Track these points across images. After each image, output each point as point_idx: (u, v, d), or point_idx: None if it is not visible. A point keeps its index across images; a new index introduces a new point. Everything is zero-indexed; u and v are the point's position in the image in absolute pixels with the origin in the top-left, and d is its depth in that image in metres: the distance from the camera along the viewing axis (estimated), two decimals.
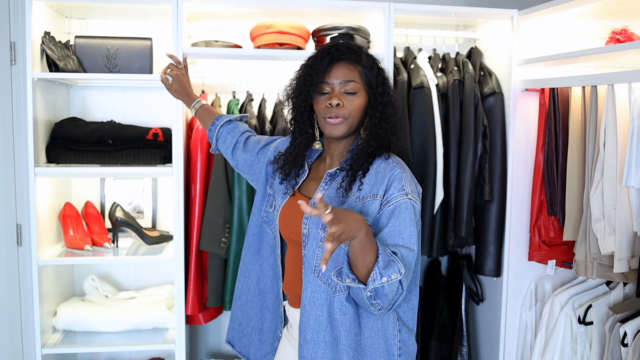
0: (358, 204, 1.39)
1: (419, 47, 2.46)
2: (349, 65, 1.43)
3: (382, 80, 1.46)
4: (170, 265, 2.26)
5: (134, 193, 2.48)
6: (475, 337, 2.59)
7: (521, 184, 2.29)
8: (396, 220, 1.34)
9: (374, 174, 1.41)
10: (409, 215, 1.34)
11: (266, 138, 1.76)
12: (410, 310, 1.47)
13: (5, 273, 2.40)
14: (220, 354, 2.62)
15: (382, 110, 1.44)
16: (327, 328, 1.40)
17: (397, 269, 1.26)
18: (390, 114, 1.45)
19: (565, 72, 2.19)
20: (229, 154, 1.78)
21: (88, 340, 2.17)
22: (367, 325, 1.41)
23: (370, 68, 1.44)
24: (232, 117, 1.82)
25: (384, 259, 1.26)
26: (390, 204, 1.35)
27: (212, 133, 1.81)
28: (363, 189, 1.40)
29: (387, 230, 1.34)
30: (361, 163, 1.42)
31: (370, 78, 1.44)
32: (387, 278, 1.25)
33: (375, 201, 1.37)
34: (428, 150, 2.23)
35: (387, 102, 1.45)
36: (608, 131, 1.85)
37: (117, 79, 2.16)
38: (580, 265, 2.00)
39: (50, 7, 2.17)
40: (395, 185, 1.36)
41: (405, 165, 1.44)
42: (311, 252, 1.42)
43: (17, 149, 2.37)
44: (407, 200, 1.35)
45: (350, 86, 1.42)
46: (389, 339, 1.42)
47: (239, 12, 2.26)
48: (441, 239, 2.31)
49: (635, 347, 1.88)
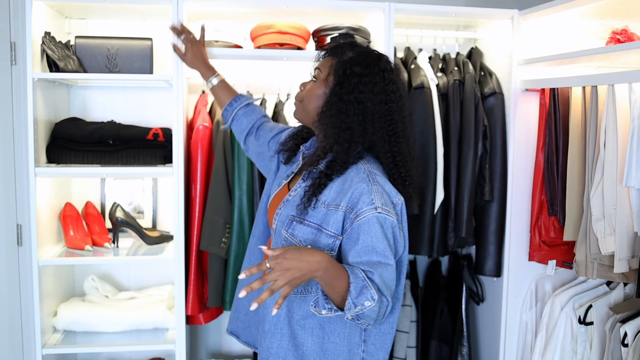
0: (323, 209, 1.36)
1: (420, 47, 2.46)
2: (329, 58, 1.45)
3: (357, 79, 1.38)
4: (170, 266, 2.26)
5: (134, 193, 2.48)
6: (475, 337, 2.59)
7: (521, 184, 2.29)
8: (366, 236, 1.30)
9: (341, 182, 1.37)
10: (379, 230, 1.30)
11: (278, 127, 1.76)
12: (388, 323, 1.45)
13: (5, 273, 2.40)
14: (220, 354, 2.62)
15: (337, 104, 1.38)
16: (285, 322, 1.40)
17: (370, 295, 1.24)
18: (356, 112, 1.38)
19: (565, 72, 2.19)
20: (242, 138, 1.80)
21: (88, 340, 2.17)
22: (334, 331, 1.40)
23: (348, 65, 1.40)
24: (250, 100, 1.83)
25: (356, 287, 1.24)
26: (359, 219, 1.31)
27: (228, 113, 1.82)
28: (330, 194, 1.37)
29: (359, 247, 1.31)
30: (314, 160, 1.41)
31: (340, 71, 1.40)
32: (360, 307, 1.24)
33: (337, 212, 1.34)
34: (428, 150, 2.23)
35: (351, 100, 1.38)
36: (608, 131, 1.85)
37: (118, 79, 2.16)
38: (581, 265, 2.00)
39: (50, 7, 2.17)
40: (364, 200, 1.32)
41: (377, 176, 1.37)
42: (276, 246, 1.43)
43: (17, 149, 2.37)
44: (376, 214, 1.30)
45: (315, 73, 1.46)
46: (352, 347, 1.41)
47: (239, 12, 2.26)
48: (441, 239, 2.31)
49: (635, 348, 1.88)
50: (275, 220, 1.45)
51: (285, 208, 1.43)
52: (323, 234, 1.35)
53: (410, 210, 2.19)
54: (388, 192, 1.37)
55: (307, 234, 1.37)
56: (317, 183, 1.37)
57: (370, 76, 1.39)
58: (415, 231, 2.29)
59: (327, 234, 1.35)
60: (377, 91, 1.39)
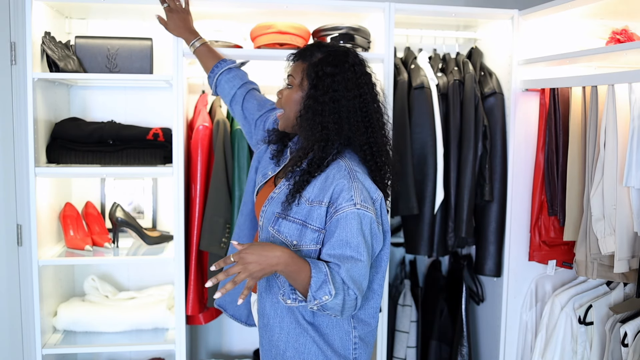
0: (307, 206, 1.41)
1: (420, 47, 2.46)
2: (299, 62, 1.49)
3: (330, 78, 1.42)
4: (170, 266, 2.26)
5: (134, 193, 2.48)
6: (475, 337, 2.59)
7: (521, 184, 2.29)
8: (342, 230, 1.35)
9: (324, 179, 1.42)
10: (356, 225, 1.35)
11: (265, 105, 1.79)
12: (372, 308, 1.50)
13: (5, 273, 2.40)
14: (220, 354, 2.62)
15: (313, 106, 1.42)
16: (284, 314, 1.44)
17: (328, 290, 1.31)
18: (331, 111, 1.41)
19: (565, 72, 2.19)
20: (228, 103, 1.83)
21: (88, 340, 2.17)
22: (322, 322, 1.45)
23: (319, 66, 1.44)
24: (232, 65, 1.84)
25: (317, 281, 1.31)
26: (338, 213, 1.36)
27: (211, 80, 1.84)
28: (313, 191, 1.41)
29: (334, 240, 1.36)
30: (296, 161, 1.45)
31: (313, 74, 1.44)
32: (318, 300, 1.31)
33: (320, 207, 1.39)
34: (428, 150, 2.23)
35: (326, 100, 1.41)
36: (608, 131, 1.85)
37: (118, 79, 2.16)
38: (581, 265, 2.00)
39: (50, 7, 2.17)
40: (344, 196, 1.36)
41: (357, 172, 1.41)
42: (263, 241, 1.46)
43: (17, 149, 2.37)
44: (355, 210, 1.35)
45: (289, 80, 1.50)
46: (343, 335, 1.47)
47: (239, 12, 2.26)
48: (441, 239, 2.31)
49: (635, 348, 1.88)
50: (262, 217, 1.50)
51: (270, 206, 1.48)
52: (308, 229, 1.40)
53: (410, 210, 2.22)
54: (367, 188, 1.41)
55: (293, 229, 1.42)
56: (299, 181, 1.43)
57: (342, 74, 1.43)
58: (415, 231, 2.29)
59: (312, 228, 1.40)
60: (350, 87, 1.43)
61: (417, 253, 2.29)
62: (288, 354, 1.44)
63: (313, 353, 1.44)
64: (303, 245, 1.40)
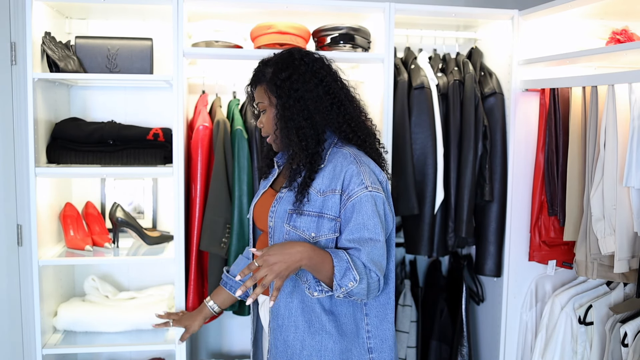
0: (320, 197, 1.45)
1: (420, 48, 2.46)
2: (258, 87, 1.54)
3: (289, 82, 1.47)
4: (170, 266, 2.26)
5: (134, 193, 2.48)
6: (475, 338, 2.59)
7: (521, 184, 2.29)
8: (359, 214, 1.41)
9: (332, 168, 1.46)
10: (371, 207, 1.41)
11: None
12: (385, 294, 1.53)
13: (5, 273, 2.40)
14: (220, 354, 2.62)
15: (284, 115, 1.47)
16: (298, 313, 1.47)
17: (352, 277, 1.35)
18: (299, 111, 1.46)
19: (565, 72, 2.19)
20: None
21: (88, 340, 2.16)
22: (341, 312, 1.48)
23: (275, 78, 1.48)
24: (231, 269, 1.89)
25: (340, 270, 1.36)
26: (352, 199, 1.42)
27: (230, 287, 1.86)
28: (323, 182, 1.46)
29: (352, 224, 1.41)
30: (290, 167, 1.49)
31: (274, 88, 1.49)
32: (345, 288, 1.36)
33: (334, 196, 1.44)
34: (428, 150, 2.23)
35: (292, 103, 1.47)
36: (608, 131, 1.85)
37: (118, 79, 2.16)
38: (581, 265, 2.00)
39: (50, 8, 2.17)
40: (355, 181, 1.42)
41: (362, 157, 1.48)
42: (278, 242, 1.49)
43: (17, 149, 2.37)
44: (368, 193, 1.42)
45: (260, 106, 1.56)
46: (358, 323, 1.51)
47: (239, 12, 2.26)
48: (441, 239, 2.31)
49: (635, 348, 1.88)
50: (272, 218, 1.51)
51: (280, 204, 1.50)
52: (325, 219, 1.44)
53: (410, 210, 2.22)
54: (374, 170, 1.48)
55: (309, 222, 1.45)
56: (305, 177, 1.47)
57: (296, 72, 1.48)
58: (415, 231, 2.29)
59: (328, 217, 1.44)
60: (308, 78, 1.48)
61: (417, 253, 2.30)
62: (305, 353, 1.46)
63: (330, 349, 1.46)
64: (322, 236, 1.44)
